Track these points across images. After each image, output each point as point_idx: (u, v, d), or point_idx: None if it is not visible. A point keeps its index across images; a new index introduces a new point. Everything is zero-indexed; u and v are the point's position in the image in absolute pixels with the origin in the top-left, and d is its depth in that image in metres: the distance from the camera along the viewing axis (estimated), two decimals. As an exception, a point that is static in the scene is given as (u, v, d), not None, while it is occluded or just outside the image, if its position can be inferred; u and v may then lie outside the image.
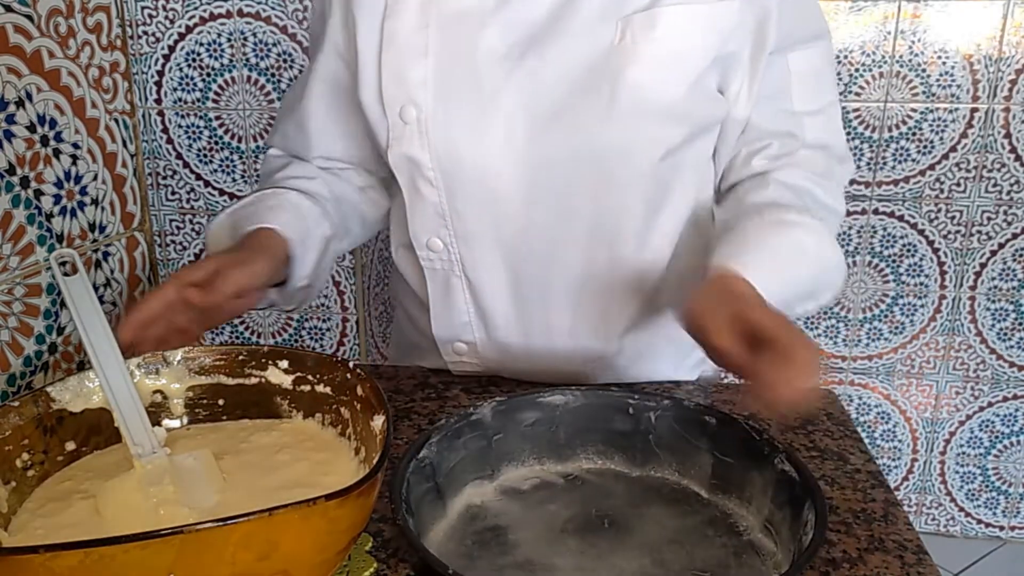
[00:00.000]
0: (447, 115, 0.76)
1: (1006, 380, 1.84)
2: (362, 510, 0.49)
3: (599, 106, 0.74)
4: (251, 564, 0.44)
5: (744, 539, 0.61)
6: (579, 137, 0.75)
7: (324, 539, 0.47)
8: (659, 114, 0.76)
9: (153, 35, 1.65)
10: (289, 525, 0.44)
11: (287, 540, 0.45)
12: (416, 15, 0.75)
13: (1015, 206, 1.73)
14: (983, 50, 1.64)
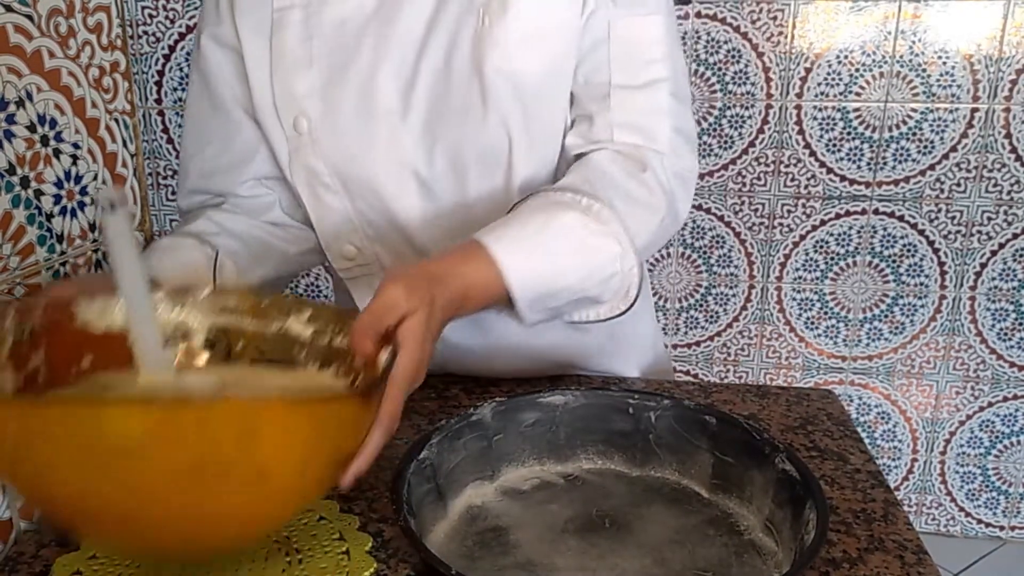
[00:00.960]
0: (335, 124, 0.77)
1: (1006, 380, 1.84)
2: (346, 428, 0.49)
3: (474, 95, 0.74)
4: (229, 448, 0.43)
5: (745, 539, 0.61)
6: (462, 129, 0.76)
7: (305, 446, 0.46)
8: (532, 94, 0.75)
9: (153, 35, 1.65)
10: (273, 415, 0.44)
11: (269, 432, 0.44)
12: (300, 28, 0.76)
13: (1015, 206, 1.73)
14: (983, 50, 1.64)
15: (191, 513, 0.46)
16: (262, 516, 0.50)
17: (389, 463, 0.73)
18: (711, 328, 1.89)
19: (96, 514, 0.46)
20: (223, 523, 0.48)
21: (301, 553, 0.59)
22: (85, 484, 0.43)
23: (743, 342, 1.88)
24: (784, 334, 1.86)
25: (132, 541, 0.50)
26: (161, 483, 0.43)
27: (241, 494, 0.46)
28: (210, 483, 0.44)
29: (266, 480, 0.46)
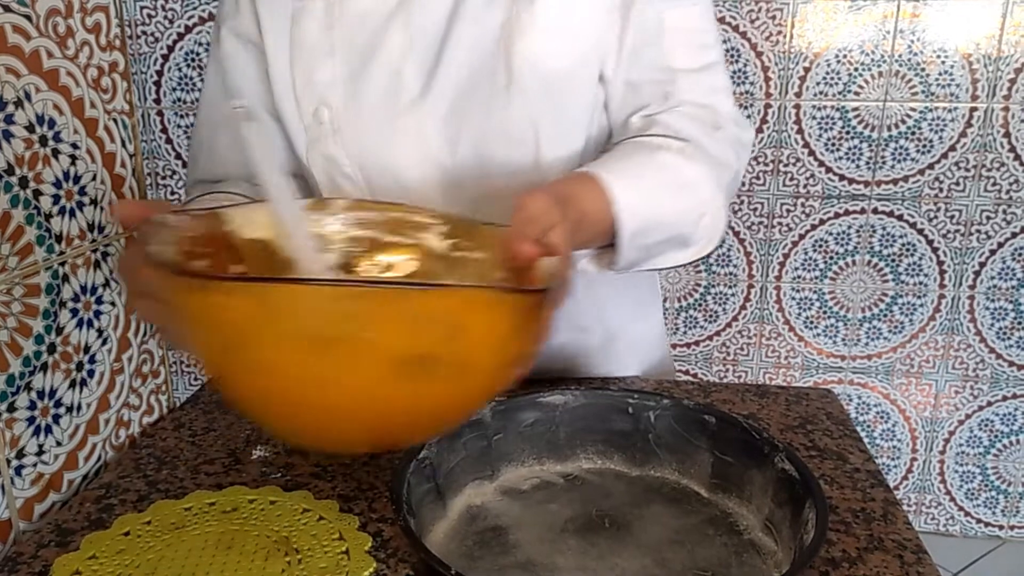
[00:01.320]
0: (358, 114, 0.77)
1: (1005, 379, 1.84)
2: (530, 325, 0.49)
3: (499, 87, 0.75)
4: (436, 341, 0.44)
5: (745, 538, 0.61)
6: (486, 121, 0.76)
7: (504, 339, 0.47)
8: (557, 84, 0.76)
9: (152, 35, 1.65)
10: (477, 307, 0.45)
11: (474, 324, 0.44)
12: (321, 17, 0.76)
13: (1014, 205, 1.73)
14: (982, 49, 1.64)
15: (395, 405, 0.46)
16: (456, 408, 0.51)
17: (389, 463, 0.73)
18: (710, 328, 1.89)
19: (302, 404, 0.46)
20: (421, 415, 0.49)
21: (301, 553, 0.59)
22: (301, 372, 0.44)
23: (742, 342, 1.88)
24: (783, 333, 1.86)
25: (331, 432, 0.50)
26: (374, 372, 0.44)
27: (445, 384, 0.46)
28: (418, 373, 0.45)
29: (467, 371, 0.47)
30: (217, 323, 0.44)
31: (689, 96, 0.77)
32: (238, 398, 0.50)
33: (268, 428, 0.58)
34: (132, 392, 0.84)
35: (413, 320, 0.43)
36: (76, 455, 0.76)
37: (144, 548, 0.60)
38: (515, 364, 0.50)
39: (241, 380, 0.47)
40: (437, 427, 0.55)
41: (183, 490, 0.69)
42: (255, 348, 0.44)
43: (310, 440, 0.56)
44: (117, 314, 0.81)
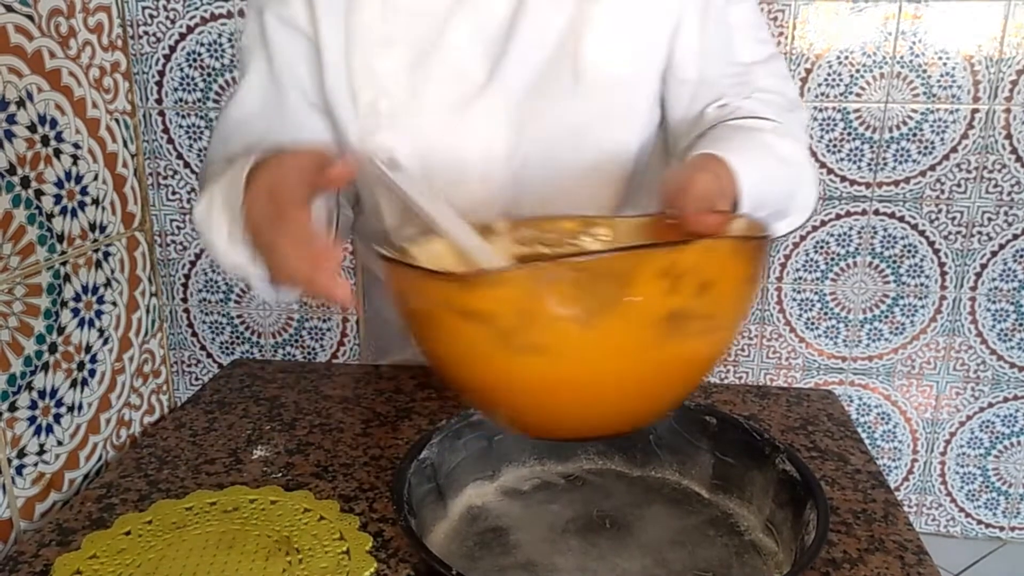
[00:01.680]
0: (420, 105, 0.77)
1: (1006, 381, 1.84)
2: (759, 275, 0.52)
3: (565, 83, 0.76)
4: (689, 295, 0.46)
5: (745, 539, 0.61)
6: (551, 116, 0.77)
7: (742, 288, 0.49)
8: (622, 82, 0.77)
9: (154, 35, 1.65)
10: (721, 257, 0.48)
11: (720, 275, 0.47)
12: (379, 8, 0.76)
13: (1016, 207, 1.73)
14: (984, 51, 1.64)
15: (656, 369, 0.49)
16: (705, 367, 0.53)
17: (390, 463, 0.73)
18: (711, 328, 1.89)
19: (570, 386, 0.49)
20: (676, 377, 0.52)
21: (302, 553, 0.59)
22: (573, 350, 0.47)
23: (743, 342, 1.88)
24: (784, 334, 1.86)
25: (594, 412, 0.52)
26: (639, 336, 0.47)
27: (697, 339, 0.49)
28: (676, 331, 0.47)
29: (715, 324, 0.49)
30: (490, 316, 0.45)
31: (762, 84, 0.80)
32: (499, 394, 0.51)
33: (525, 422, 0.58)
34: (133, 392, 0.84)
35: (668, 277, 0.45)
36: (77, 454, 0.76)
37: (145, 547, 0.60)
38: (747, 315, 0.52)
39: (513, 372, 0.48)
40: (688, 390, 0.56)
41: (184, 490, 0.69)
42: (525, 335, 0.45)
43: (569, 426, 0.56)
44: (118, 314, 0.81)
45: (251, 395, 0.87)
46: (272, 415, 0.83)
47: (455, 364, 0.52)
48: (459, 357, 0.50)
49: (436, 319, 0.49)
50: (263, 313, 1.77)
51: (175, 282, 1.77)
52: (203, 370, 1.82)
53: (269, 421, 0.81)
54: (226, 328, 1.79)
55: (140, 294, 0.85)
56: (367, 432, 0.79)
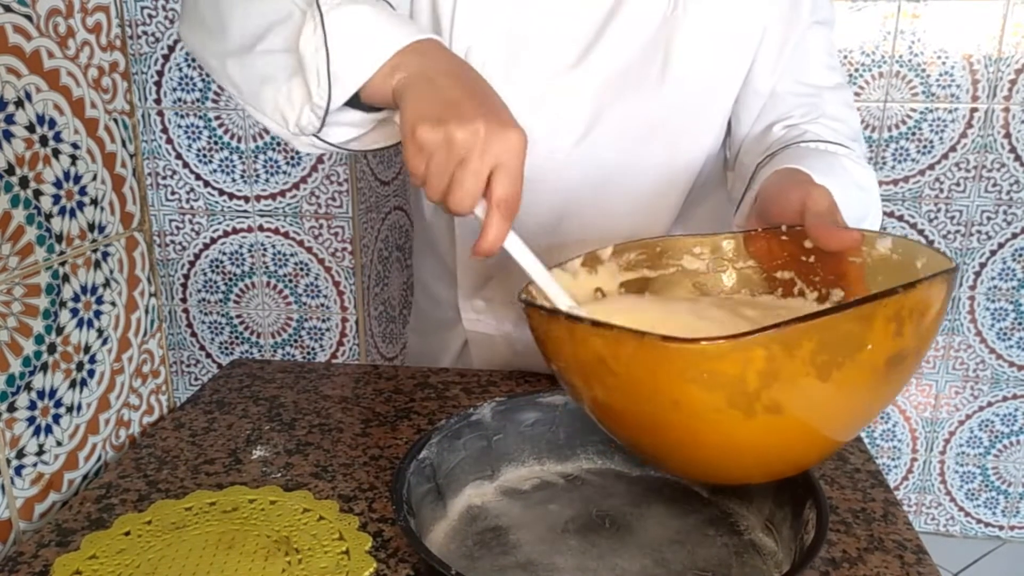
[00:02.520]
0: (509, 67, 0.77)
1: (1005, 380, 1.84)
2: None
3: (652, 77, 0.77)
4: (911, 337, 0.47)
5: (745, 538, 0.61)
6: (631, 107, 0.78)
7: (942, 315, 0.50)
8: (707, 84, 0.79)
9: (153, 35, 1.65)
10: (936, 293, 0.48)
11: (930, 311, 0.48)
12: None
13: (1014, 206, 1.73)
14: (983, 50, 1.64)
15: (864, 409, 0.51)
16: (894, 395, 0.53)
17: (389, 463, 0.73)
18: (711, 328, 1.89)
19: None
20: (876, 411, 0.53)
21: (301, 553, 0.59)
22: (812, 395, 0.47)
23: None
24: (783, 334, 1.86)
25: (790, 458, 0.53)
26: (870, 379, 0.48)
27: (907, 374, 0.50)
28: (892, 371, 0.48)
29: (920, 355, 0.50)
30: (732, 380, 0.46)
31: (830, 110, 0.82)
32: (711, 452, 0.51)
33: (727, 474, 0.58)
34: (132, 392, 0.84)
35: (896, 320, 0.46)
36: (76, 455, 0.76)
37: (144, 548, 0.60)
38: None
39: (746, 433, 0.49)
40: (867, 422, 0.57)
41: (183, 490, 0.69)
42: (766, 396, 0.46)
43: (770, 471, 0.57)
44: (117, 314, 0.81)
45: (250, 395, 0.87)
46: (271, 415, 0.83)
47: (663, 427, 0.50)
48: (674, 420, 0.49)
49: (657, 386, 0.48)
50: (262, 313, 1.77)
51: (174, 282, 1.77)
52: (202, 370, 1.82)
53: (268, 421, 0.81)
54: (225, 328, 1.79)
55: (139, 294, 0.85)
56: (366, 432, 0.79)
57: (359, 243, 1.66)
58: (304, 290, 1.73)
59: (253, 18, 0.63)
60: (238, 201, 1.69)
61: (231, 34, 0.64)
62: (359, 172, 1.63)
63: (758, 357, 0.45)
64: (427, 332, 1.02)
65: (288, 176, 1.64)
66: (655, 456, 0.57)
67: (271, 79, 0.62)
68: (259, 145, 1.65)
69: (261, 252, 1.71)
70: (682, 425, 0.49)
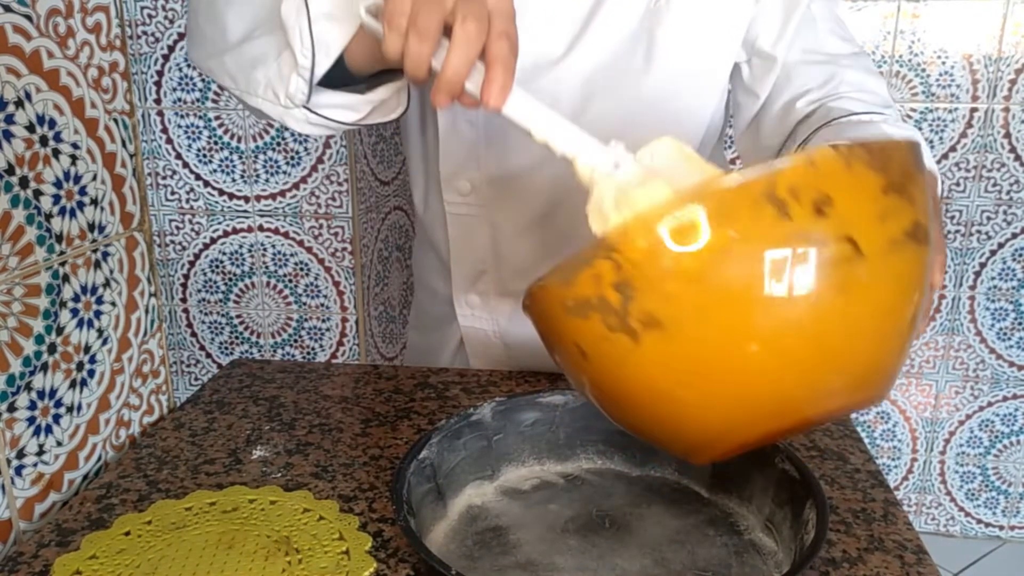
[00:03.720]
0: None
1: (1006, 380, 1.84)
2: (905, 182, 0.44)
3: (637, 68, 0.77)
4: (809, 219, 0.40)
5: (745, 538, 0.61)
6: (617, 98, 0.78)
7: (876, 202, 0.42)
8: (692, 73, 0.79)
9: (152, 35, 1.65)
10: (834, 173, 0.41)
11: (838, 193, 0.41)
12: None
13: (1015, 206, 1.73)
14: (983, 50, 1.64)
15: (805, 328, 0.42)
16: (888, 314, 0.45)
17: (389, 463, 0.73)
18: (711, 328, 1.89)
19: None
20: (832, 338, 0.43)
21: (301, 553, 0.59)
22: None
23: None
24: (784, 334, 1.86)
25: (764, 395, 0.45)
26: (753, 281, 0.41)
27: (837, 275, 0.42)
28: (807, 269, 0.41)
29: (856, 243, 0.42)
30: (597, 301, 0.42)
31: (850, 77, 0.79)
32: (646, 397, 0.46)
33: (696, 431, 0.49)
34: (132, 392, 0.84)
35: (772, 203, 0.40)
36: (76, 455, 0.76)
37: (145, 548, 0.60)
38: (897, 220, 0.46)
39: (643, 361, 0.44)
40: (871, 351, 0.46)
41: (183, 490, 0.69)
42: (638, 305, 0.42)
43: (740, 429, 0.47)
44: (117, 314, 0.81)
45: (250, 395, 0.87)
46: (271, 415, 0.83)
47: (603, 386, 0.47)
48: (589, 369, 0.46)
49: (561, 335, 0.45)
50: (262, 313, 1.76)
51: (174, 282, 1.77)
52: (202, 370, 1.82)
53: (268, 421, 0.81)
54: (225, 328, 1.79)
55: (139, 294, 0.85)
56: (366, 432, 0.79)
57: (359, 243, 1.66)
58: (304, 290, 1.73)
59: (246, 14, 0.65)
60: (238, 201, 1.69)
61: (228, 33, 0.66)
62: (359, 172, 1.63)
63: (605, 270, 0.42)
64: (426, 329, 1.02)
65: (288, 176, 1.64)
66: (634, 427, 0.52)
67: (262, 60, 0.63)
68: (259, 145, 1.65)
69: (261, 252, 1.71)
70: (596, 371, 0.46)
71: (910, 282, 0.44)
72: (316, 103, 0.63)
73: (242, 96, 0.67)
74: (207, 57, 0.69)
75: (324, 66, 0.60)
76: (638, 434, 0.53)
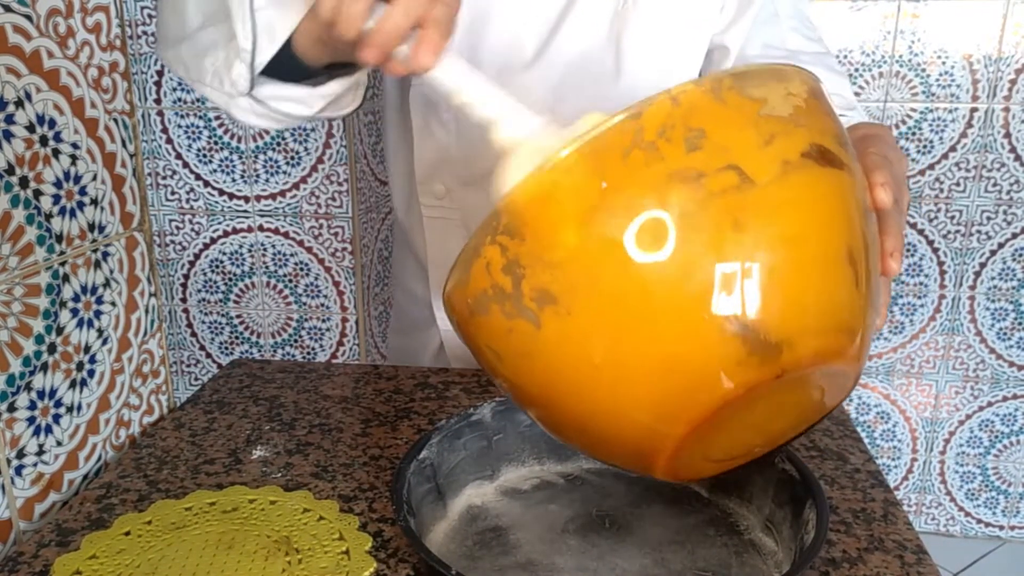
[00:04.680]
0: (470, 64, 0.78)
1: (1006, 380, 1.84)
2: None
3: (608, 72, 0.78)
4: (683, 156, 0.37)
5: (745, 538, 0.61)
6: (591, 94, 0.78)
7: (757, 127, 0.39)
8: (664, 70, 0.79)
9: (153, 35, 1.65)
10: (702, 106, 0.38)
11: (710, 125, 0.38)
12: None
13: (1015, 206, 1.73)
14: (983, 50, 1.64)
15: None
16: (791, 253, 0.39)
17: (389, 463, 0.73)
18: (711, 328, 1.89)
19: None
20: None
21: (301, 553, 0.59)
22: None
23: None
24: (784, 334, 1.86)
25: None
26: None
27: (723, 200, 0.38)
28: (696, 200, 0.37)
29: (741, 169, 0.38)
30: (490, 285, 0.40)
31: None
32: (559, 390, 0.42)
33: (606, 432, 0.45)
34: (132, 392, 0.84)
35: (639, 147, 0.38)
36: (76, 455, 0.76)
37: (144, 548, 0.60)
38: (787, 139, 0.42)
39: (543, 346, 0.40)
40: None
41: (183, 490, 0.69)
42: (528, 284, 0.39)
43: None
44: (117, 314, 0.81)
45: (250, 395, 0.87)
46: (271, 415, 0.83)
47: (520, 387, 0.44)
48: (503, 370, 0.43)
49: (477, 341, 0.43)
50: (262, 313, 1.77)
51: (174, 282, 1.77)
52: (202, 370, 1.82)
53: (268, 421, 0.81)
54: (225, 328, 1.79)
55: (139, 294, 0.85)
56: (366, 432, 0.79)
57: (359, 243, 1.66)
58: (304, 290, 1.73)
59: (204, 4, 0.64)
60: (238, 201, 1.69)
61: (187, 23, 0.65)
62: (359, 172, 1.63)
63: (493, 256, 0.40)
64: (407, 332, 1.02)
65: (288, 176, 1.64)
66: (575, 438, 0.48)
67: (212, 47, 0.62)
68: (259, 145, 1.65)
69: (261, 252, 1.71)
70: (513, 372, 0.43)
71: (824, 205, 0.40)
72: (263, 94, 0.62)
73: (193, 85, 0.65)
74: (167, 47, 0.68)
75: (268, 52, 0.58)
76: (586, 449, 0.49)
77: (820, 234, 0.39)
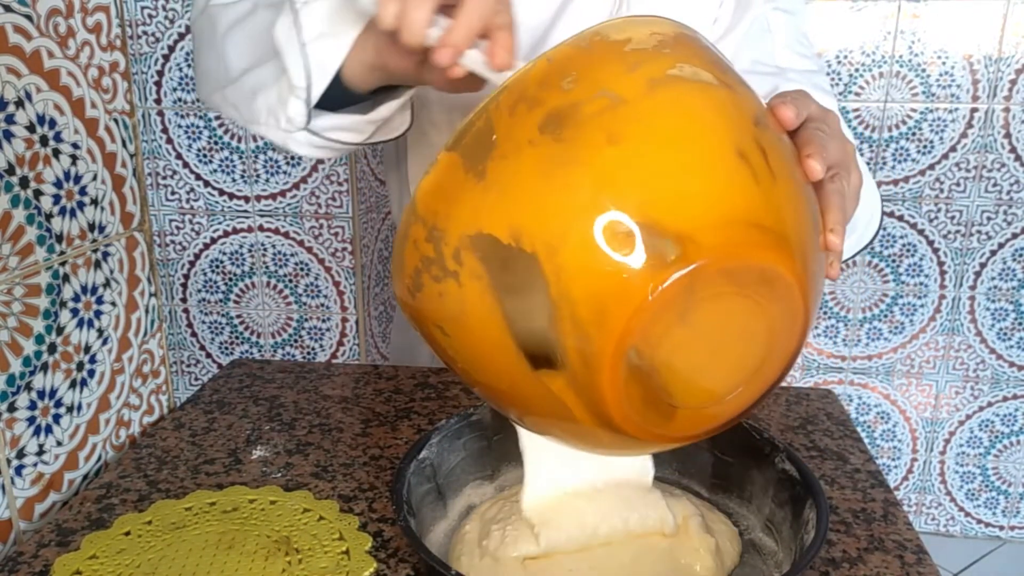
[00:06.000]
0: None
1: (1006, 380, 1.84)
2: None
3: None
4: (559, 96, 0.41)
5: (745, 538, 0.61)
6: None
7: (622, 60, 0.43)
8: None
9: (153, 35, 1.65)
10: (573, 58, 0.43)
11: (581, 70, 0.42)
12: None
13: (1015, 206, 1.73)
14: (983, 50, 1.64)
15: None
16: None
17: (389, 463, 0.73)
18: (711, 328, 1.89)
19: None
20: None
21: (301, 553, 0.59)
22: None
23: (743, 342, 1.88)
24: (784, 334, 1.86)
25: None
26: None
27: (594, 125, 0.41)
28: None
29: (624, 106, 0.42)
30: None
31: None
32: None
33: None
34: (132, 392, 0.84)
35: (524, 101, 0.42)
36: (76, 455, 0.76)
37: (145, 548, 0.60)
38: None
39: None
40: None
41: (183, 490, 0.69)
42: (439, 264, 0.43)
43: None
44: (117, 314, 0.81)
45: (250, 395, 0.87)
46: (271, 415, 0.83)
47: (466, 363, 0.45)
48: (447, 342, 0.45)
49: (423, 322, 0.46)
50: (262, 313, 1.77)
51: (174, 282, 1.77)
52: (202, 370, 1.82)
53: (268, 421, 0.81)
54: (225, 328, 1.79)
55: (139, 294, 0.85)
56: (366, 432, 0.79)
57: (359, 243, 1.66)
58: (304, 290, 1.73)
59: (245, 47, 0.65)
60: (238, 201, 1.69)
61: (230, 67, 0.66)
62: (359, 172, 1.63)
63: (418, 233, 0.43)
64: (407, 327, 1.02)
65: (288, 176, 1.64)
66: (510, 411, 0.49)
67: (262, 87, 0.63)
68: (259, 145, 1.65)
69: (261, 252, 1.71)
70: (457, 344, 0.45)
71: (699, 112, 0.42)
72: (319, 126, 0.63)
73: (247, 125, 0.66)
74: (211, 92, 0.69)
75: (321, 85, 0.60)
76: (528, 419, 0.49)
77: (699, 135, 0.41)
